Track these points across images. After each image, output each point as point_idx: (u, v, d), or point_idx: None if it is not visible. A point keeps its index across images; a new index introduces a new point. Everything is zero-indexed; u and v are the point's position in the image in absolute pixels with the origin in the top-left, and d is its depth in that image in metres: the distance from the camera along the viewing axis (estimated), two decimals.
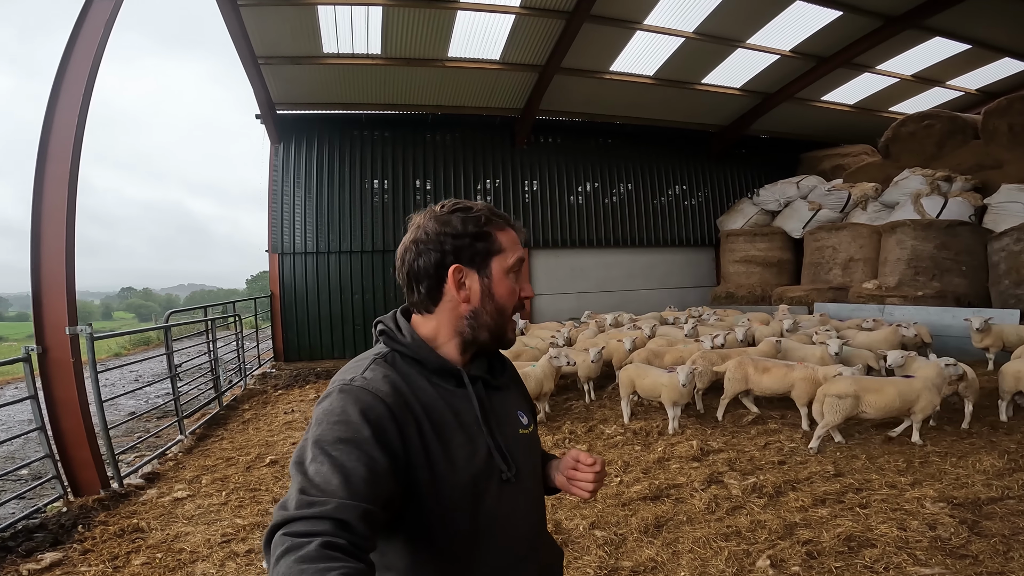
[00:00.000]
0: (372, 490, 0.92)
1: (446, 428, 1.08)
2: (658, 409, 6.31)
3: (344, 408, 0.99)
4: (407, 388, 1.08)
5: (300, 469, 0.93)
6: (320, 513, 0.85)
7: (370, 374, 1.07)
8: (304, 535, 0.82)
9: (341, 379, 1.08)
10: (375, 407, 1.00)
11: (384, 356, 1.13)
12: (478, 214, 1.15)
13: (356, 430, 0.96)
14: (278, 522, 0.86)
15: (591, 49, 10.56)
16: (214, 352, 7.47)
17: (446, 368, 1.14)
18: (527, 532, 1.22)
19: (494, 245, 1.15)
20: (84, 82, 4.63)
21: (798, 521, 3.68)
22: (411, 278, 1.16)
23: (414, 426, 1.04)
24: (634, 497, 4.19)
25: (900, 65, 12.43)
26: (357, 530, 0.86)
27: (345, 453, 0.93)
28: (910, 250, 9.72)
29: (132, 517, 4.36)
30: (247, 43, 9.03)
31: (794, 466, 4.63)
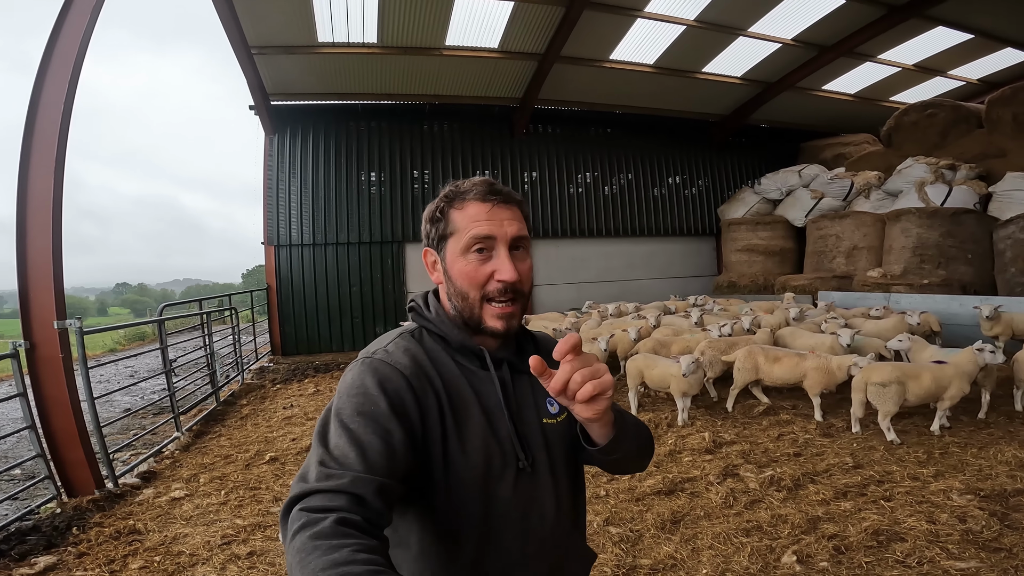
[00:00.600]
0: (389, 463, 0.91)
1: (464, 407, 1.06)
2: (665, 400, 6.19)
3: (363, 381, 1.00)
4: (429, 362, 1.07)
5: (321, 440, 0.94)
6: (337, 487, 0.85)
7: (392, 347, 1.07)
8: (320, 510, 0.81)
9: (365, 353, 1.09)
10: (393, 378, 1.00)
11: (411, 332, 1.13)
12: (440, 198, 1.15)
13: (374, 402, 0.97)
14: (296, 494, 0.86)
15: (591, 37, 10.39)
16: (210, 346, 7.29)
17: (468, 348, 1.12)
18: (540, 527, 1.12)
19: (448, 227, 1.11)
20: (69, 74, 4.43)
21: (821, 515, 3.57)
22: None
23: (433, 398, 1.03)
24: (647, 492, 4.06)
25: (902, 54, 12.31)
26: (372, 505, 0.86)
27: (362, 426, 0.93)
28: (915, 238, 9.62)
29: (128, 518, 4.21)
30: (240, 33, 8.81)
31: (810, 458, 4.51)
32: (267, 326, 11.86)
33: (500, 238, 1.08)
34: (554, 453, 1.16)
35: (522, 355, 1.18)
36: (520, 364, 1.16)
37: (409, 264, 11.95)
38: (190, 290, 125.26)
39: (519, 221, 1.12)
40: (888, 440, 4.66)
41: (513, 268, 1.07)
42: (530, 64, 10.97)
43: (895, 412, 4.69)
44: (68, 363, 4.32)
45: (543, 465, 1.12)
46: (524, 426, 1.12)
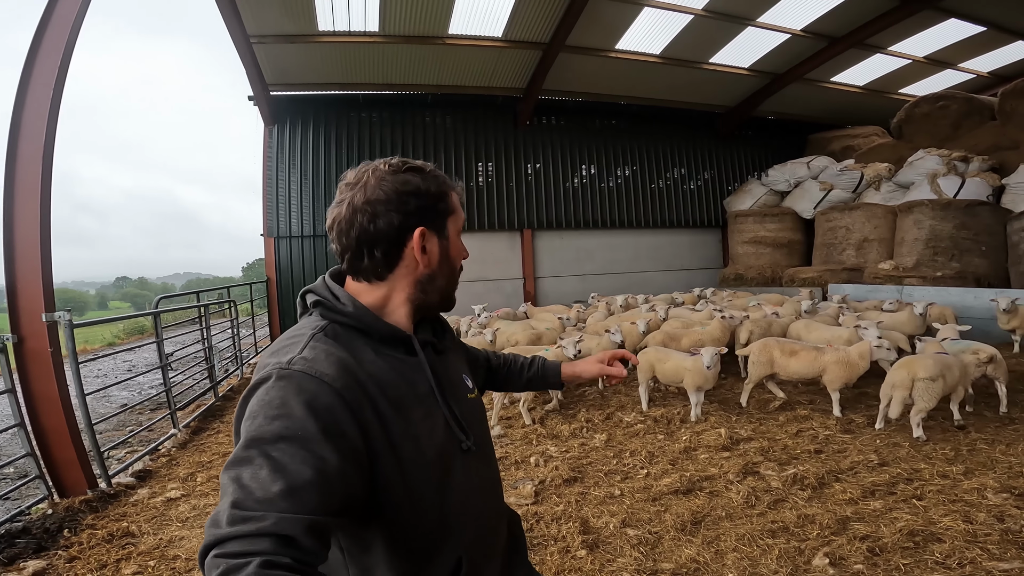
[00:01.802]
0: (321, 497, 0.80)
1: (405, 403, 0.98)
2: (676, 395, 6.01)
3: (284, 399, 0.85)
4: (356, 365, 0.95)
5: (234, 476, 0.79)
6: (258, 530, 0.73)
7: (310, 353, 0.93)
8: (240, 555, 0.71)
9: (276, 362, 0.92)
10: (321, 395, 0.87)
11: (323, 329, 1.00)
12: (436, 173, 1.10)
13: (300, 425, 0.83)
14: (209, 543, 0.74)
15: (597, 26, 10.18)
16: (208, 340, 7.11)
17: (396, 336, 1.04)
18: (494, 500, 1.19)
19: (451, 205, 1.10)
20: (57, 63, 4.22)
21: (850, 515, 3.39)
22: (363, 242, 1.04)
23: (370, 409, 0.92)
24: (664, 491, 3.88)
25: (913, 46, 12.13)
26: (303, 545, 0.75)
27: (288, 453, 0.80)
28: (928, 230, 9.43)
29: (122, 520, 4.03)
30: (239, 22, 8.59)
31: (832, 455, 4.34)
32: (267, 319, 11.67)
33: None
34: (483, 428, 1.20)
35: (437, 334, 1.19)
36: (439, 344, 1.15)
37: None
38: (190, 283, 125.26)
39: None
40: (915, 436, 4.48)
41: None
42: (534, 53, 10.77)
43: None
44: (57, 358, 4.13)
45: (480, 440, 1.14)
46: (459, 407, 1.10)
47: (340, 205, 1.05)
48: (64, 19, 4.34)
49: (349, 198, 1.04)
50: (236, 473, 0.80)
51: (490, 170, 12.38)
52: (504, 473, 4.35)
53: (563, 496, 3.90)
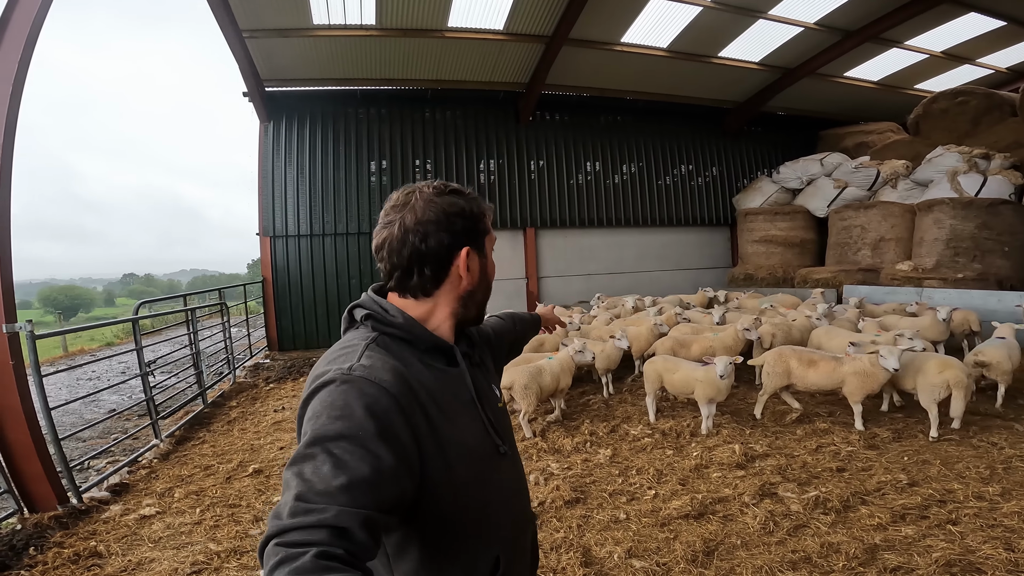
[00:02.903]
0: (377, 493, 0.85)
1: (451, 409, 1.06)
2: (685, 406, 5.68)
3: (347, 401, 0.91)
4: (408, 373, 1.01)
5: (297, 471, 0.84)
6: (318, 522, 0.77)
7: (368, 360, 0.99)
8: (299, 544, 0.75)
9: (338, 368, 0.97)
10: (380, 400, 0.93)
11: (375, 340, 1.06)
12: (474, 195, 1.17)
13: (360, 425, 0.88)
14: (272, 532, 0.78)
15: (602, 18, 9.83)
16: (195, 345, 6.82)
17: (440, 346, 1.13)
18: (525, 500, 1.28)
19: (487, 225, 1.17)
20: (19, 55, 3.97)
21: (879, 543, 3.09)
22: (415, 261, 1.10)
23: (422, 415, 0.99)
24: (674, 515, 3.56)
25: (930, 41, 11.75)
26: (357, 538, 0.79)
27: (348, 451, 0.85)
28: (949, 230, 9.04)
29: (91, 539, 3.77)
30: (229, 15, 8.30)
31: (856, 474, 4.01)
32: (263, 320, 11.40)
33: None
34: (512, 434, 1.28)
35: (471, 347, 1.25)
36: (473, 355, 1.23)
37: None
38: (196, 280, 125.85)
39: None
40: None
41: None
42: (537, 47, 10.42)
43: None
44: (20, 369, 3.86)
45: (510, 445, 1.22)
46: (494, 414, 1.19)
47: (391, 226, 1.10)
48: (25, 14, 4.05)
49: (399, 219, 1.09)
50: (299, 468, 0.84)
51: (492, 167, 12.06)
52: None
53: (564, 520, 3.59)
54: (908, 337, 5.06)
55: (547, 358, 5.43)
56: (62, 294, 71.70)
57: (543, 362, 5.28)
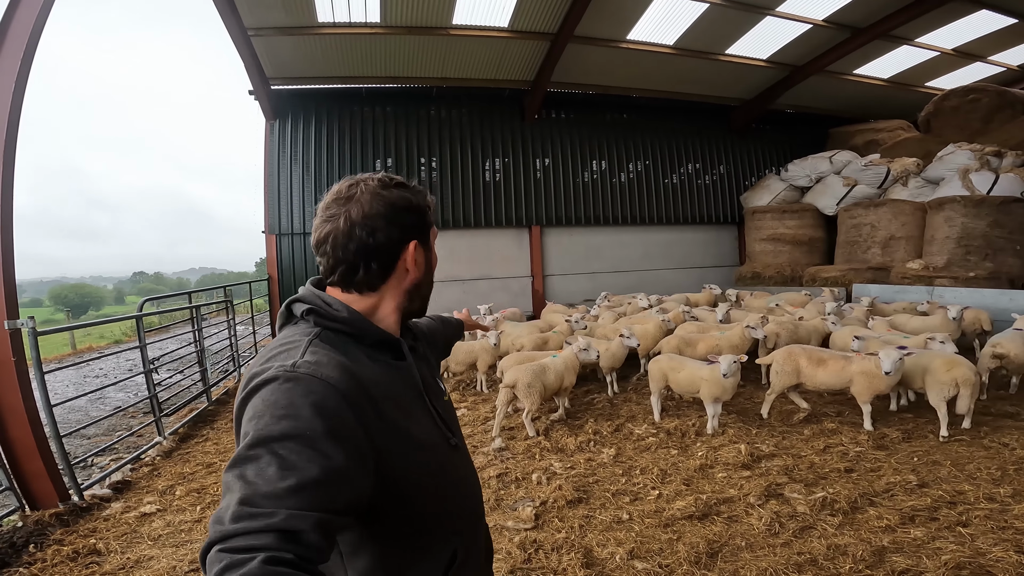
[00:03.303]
0: (329, 494, 0.80)
1: (403, 404, 1.04)
2: (691, 404, 5.62)
3: (291, 400, 0.85)
4: (355, 368, 0.97)
5: (239, 473, 0.78)
6: (265, 526, 0.72)
7: (312, 357, 0.94)
8: (245, 550, 0.70)
9: (280, 364, 0.92)
10: (329, 397, 0.87)
11: (318, 335, 1.02)
12: (419, 188, 1.15)
13: (308, 425, 0.83)
14: (214, 538, 0.72)
15: (607, 15, 9.78)
16: (200, 342, 6.82)
17: (387, 340, 1.11)
18: (477, 493, 1.25)
19: (431, 218, 1.17)
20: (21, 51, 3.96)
21: (887, 545, 3.02)
22: (362, 255, 1.08)
23: (373, 411, 0.95)
24: (677, 515, 3.50)
25: (941, 38, 11.61)
26: (309, 541, 0.75)
27: (295, 452, 0.80)
28: (960, 228, 8.91)
29: (90, 536, 3.76)
30: (234, 14, 8.31)
31: (865, 475, 3.93)
32: (268, 318, 11.40)
33: None
34: (458, 426, 1.27)
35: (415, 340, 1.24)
36: (418, 348, 1.23)
37: None
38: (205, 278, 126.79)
39: None
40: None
41: None
42: (542, 44, 10.37)
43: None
44: (22, 366, 3.85)
45: (459, 438, 1.22)
46: (441, 407, 1.18)
47: (334, 220, 1.06)
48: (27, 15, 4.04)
49: (344, 213, 1.06)
50: (241, 471, 0.79)
51: (497, 165, 12.01)
52: (503, 492, 4.00)
53: (566, 520, 3.54)
54: (940, 340, 4.97)
55: (551, 356, 5.38)
56: (72, 292, 72.31)
57: (547, 360, 5.24)
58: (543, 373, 5.03)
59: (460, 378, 7.20)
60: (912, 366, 4.50)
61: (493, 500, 3.85)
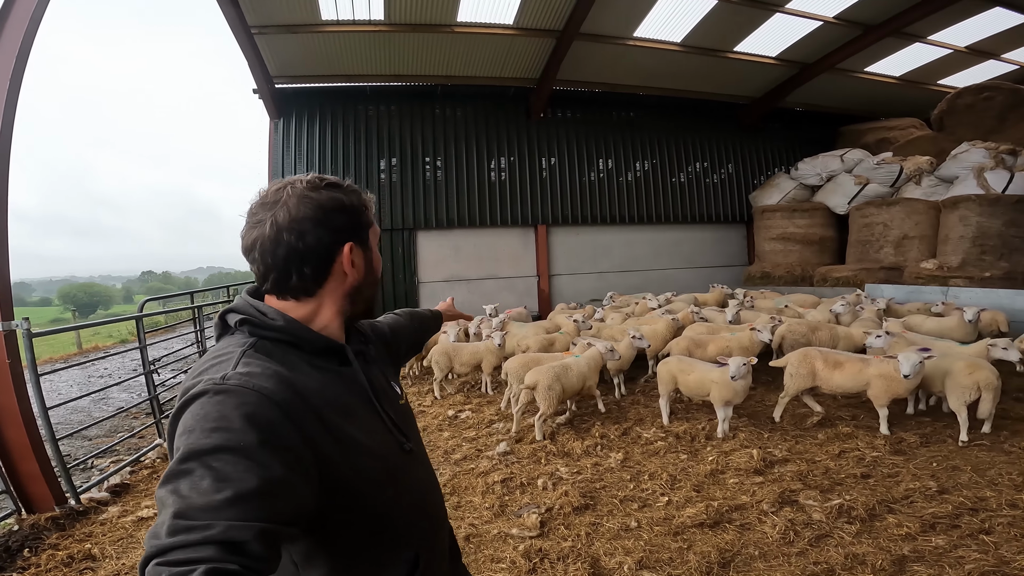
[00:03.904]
0: (269, 505, 0.77)
1: (347, 411, 1.00)
2: (700, 407, 5.48)
3: (222, 412, 0.82)
4: (293, 378, 0.93)
5: (172, 488, 0.76)
6: (204, 539, 0.70)
7: (244, 368, 0.90)
8: (184, 563, 0.67)
9: (209, 378, 0.88)
10: (261, 409, 0.84)
11: (253, 346, 0.98)
12: (352, 187, 1.13)
13: (241, 436, 0.80)
14: (151, 553, 0.70)
15: (614, 12, 9.63)
16: (203, 342, 6.75)
17: (330, 347, 1.07)
18: (437, 498, 1.23)
19: (369, 218, 1.14)
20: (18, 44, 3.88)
21: (908, 554, 2.92)
22: (292, 261, 1.03)
23: (315, 419, 0.91)
24: (688, 523, 3.38)
25: (955, 35, 11.37)
26: (252, 551, 0.72)
27: (230, 464, 0.77)
28: (975, 227, 8.72)
29: (86, 541, 3.68)
30: (237, 11, 8.24)
31: (882, 480, 3.80)
32: None
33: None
34: (416, 431, 1.24)
35: (364, 344, 1.21)
36: (367, 351, 1.19)
37: (421, 253, 11.35)
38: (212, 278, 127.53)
39: None
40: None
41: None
42: (548, 42, 10.24)
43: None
44: (17, 368, 3.77)
45: (415, 442, 1.18)
46: (395, 411, 1.14)
47: (260, 226, 1.03)
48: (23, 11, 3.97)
49: (270, 218, 1.02)
50: (174, 486, 0.76)
51: (503, 164, 11.88)
52: (508, 497, 3.89)
53: (572, 527, 3.42)
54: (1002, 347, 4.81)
55: (574, 356, 5.28)
56: (81, 291, 72.75)
57: (569, 360, 5.13)
58: (565, 373, 4.93)
59: (465, 379, 7.10)
60: (932, 369, 4.35)
61: (497, 506, 3.73)
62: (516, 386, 5.40)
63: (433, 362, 6.39)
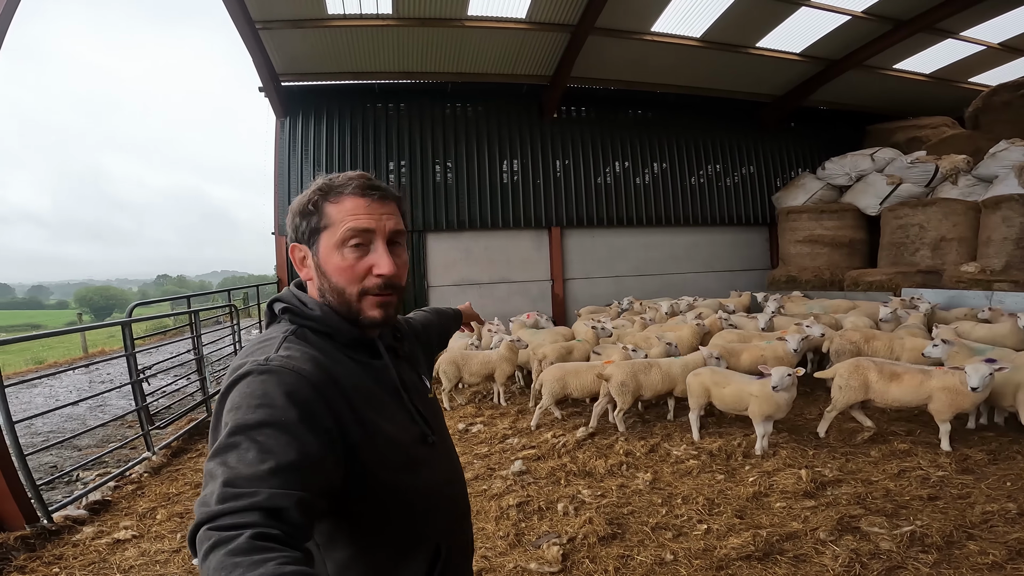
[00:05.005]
0: (306, 477, 0.82)
1: (375, 400, 1.04)
2: (733, 421, 5.00)
3: (265, 390, 0.89)
4: (329, 364, 1.00)
5: (221, 460, 0.81)
6: (250, 505, 0.74)
7: (286, 351, 0.97)
8: (232, 528, 0.72)
9: (254, 360, 0.95)
10: (301, 388, 0.91)
11: (294, 332, 1.05)
12: (313, 190, 1.11)
13: (282, 412, 0.86)
14: (201, 519, 0.74)
15: (630, 5, 9.21)
16: (199, 349, 6.39)
17: (359, 340, 1.10)
18: (456, 493, 1.24)
19: (321, 221, 1.09)
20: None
21: None
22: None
23: (344, 404, 0.97)
24: (732, 555, 2.94)
25: (987, 32, 10.83)
26: (292, 519, 0.76)
27: (273, 437, 0.83)
28: (1019, 228, 8.17)
29: (54, 564, 3.31)
30: (241, 6, 7.95)
31: (953, 503, 3.33)
32: None
33: (379, 232, 1.08)
34: (443, 425, 1.28)
35: (397, 339, 1.24)
36: (400, 348, 1.23)
37: (430, 255, 10.94)
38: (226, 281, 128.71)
39: (396, 216, 1.13)
40: None
41: (392, 262, 1.08)
42: (562, 36, 9.83)
43: None
44: None
45: (440, 435, 1.21)
46: (422, 404, 1.18)
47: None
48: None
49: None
50: (223, 458, 0.81)
51: (515, 165, 11.45)
52: (524, 524, 3.45)
53: (599, 561, 2.98)
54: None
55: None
56: (98, 294, 73.34)
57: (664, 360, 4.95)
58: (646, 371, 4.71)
59: (476, 389, 6.67)
60: (1003, 382, 3.86)
61: (513, 535, 3.29)
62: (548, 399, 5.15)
63: (440, 371, 5.98)
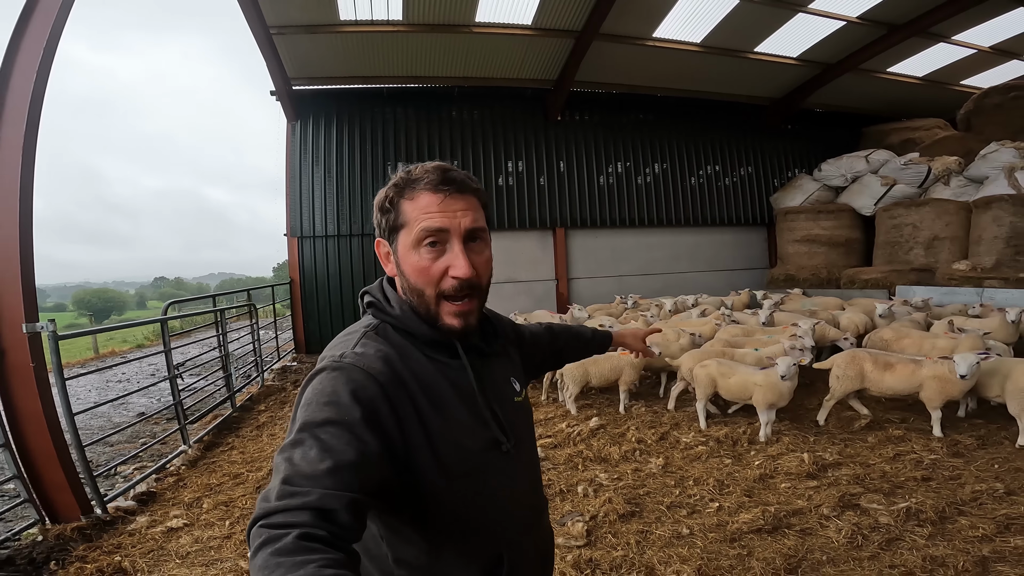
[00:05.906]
0: (362, 476, 0.85)
1: (445, 403, 1.03)
2: (739, 410, 5.29)
3: (335, 388, 0.92)
4: (402, 363, 1.01)
5: (287, 456, 0.85)
6: (302, 504, 0.77)
7: (361, 348, 1.00)
8: (282, 526, 0.75)
9: (331, 355, 1.00)
10: (367, 387, 0.93)
11: (375, 328, 1.07)
12: (390, 185, 1.09)
13: (347, 411, 0.89)
14: (258, 515, 0.78)
15: (633, 12, 9.55)
16: (225, 347, 6.65)
17: (437, 340, 1.08)
18: (530, 503, 1.20)
19: (398, 218, 1.06)
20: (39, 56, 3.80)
21: (989, 554, 2.77)
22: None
23: (410, 405, 0.98)
24: (744, 529, 3.22)
25: (979, 35, 11.24)
26: (341, 520, 0.79)
27: (335, 436, 0.86)
28: (1009, 227, 8.50)
29: (115, 553, 3.54)
30: (257, 11, 8.22)
31: (945, 483, 3.63)
32: (291, 322, 11.21)
33: (453, 231, 1.03)
34: (525, 431, 1.21)
35: (486, 338, 1.19)
36: (486, 347, 1.17)
37: None
38: (224, 283, 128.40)
39: (475, 211, 1.06)
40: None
41: (468, 263, 1.02)
42: (566, 42, 10.15)
43: None
44: (41, 371, 3.65)
45: (522, 443, 1.17)
46: (501, 409, 1.12)
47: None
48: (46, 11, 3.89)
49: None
50: (289, 454, 0.84)
51: (520, 167, 11.75)
52: (550, 505, 3.73)
53: (620, 536, 3.26)
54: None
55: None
56: (95, 297, 73.32)
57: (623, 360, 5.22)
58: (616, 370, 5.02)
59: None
60: (989, 372, 4.16)
61: None
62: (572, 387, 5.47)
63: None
